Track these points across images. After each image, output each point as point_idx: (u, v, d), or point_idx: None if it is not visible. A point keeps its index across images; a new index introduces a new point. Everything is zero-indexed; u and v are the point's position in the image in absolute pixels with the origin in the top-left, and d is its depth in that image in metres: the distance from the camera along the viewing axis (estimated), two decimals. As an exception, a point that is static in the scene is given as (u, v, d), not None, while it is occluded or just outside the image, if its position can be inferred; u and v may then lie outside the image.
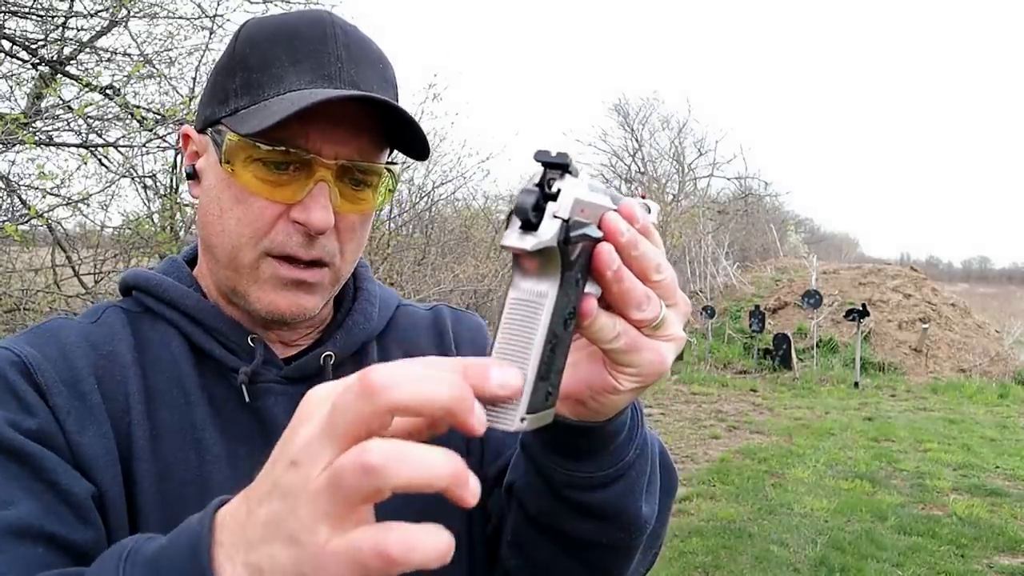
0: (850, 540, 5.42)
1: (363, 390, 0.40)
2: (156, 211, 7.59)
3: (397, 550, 0.40)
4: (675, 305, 0.61)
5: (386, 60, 0.84)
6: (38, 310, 5.47)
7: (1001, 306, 25.45)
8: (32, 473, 0.67)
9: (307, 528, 0.41)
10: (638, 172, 24.97)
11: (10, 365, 0.73)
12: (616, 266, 0.54)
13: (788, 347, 13.24)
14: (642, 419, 0.72)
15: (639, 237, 0.56)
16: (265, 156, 0.74)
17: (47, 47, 5.11)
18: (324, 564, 0.41)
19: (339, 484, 0.40)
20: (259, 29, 0.80)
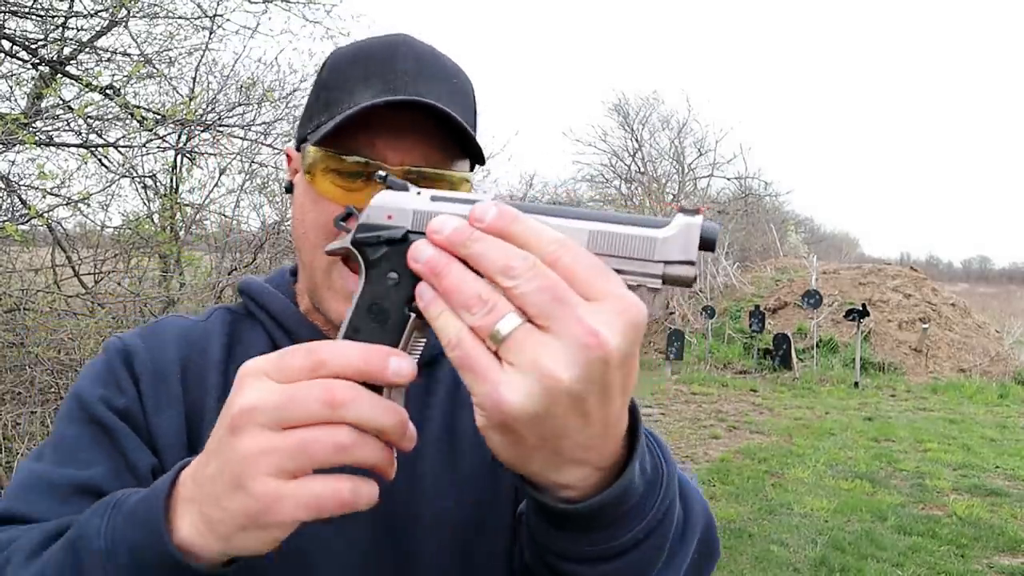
0: (850, 540, 5.42)
1: (305, 351, 0.55)
2: (156, 211, 7.60)
3: (348, 493, 0.54)
4: (549, 330, 0.49)
5: (461, 76, 0.89)
6: (38, 310, 5.47)
7: (1001, 306, 25.44)
8: (111, 443, 0.81)
9: (255, 477, 0.53)
10: (638, 172, 24.98)
11: (116, 352, 0.88)
12: (424, 259, 0.53)
13: (788, 347, 13.24)
14: (663, 493, 0.62)
15: (476, 236, 0.52)
16: (338, 165, 0.82)
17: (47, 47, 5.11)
18: (276, 508, 0.53)
19: (301, 436, 0.53)
20: (341, 54, 0.89)
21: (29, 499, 0.77)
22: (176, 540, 0.58)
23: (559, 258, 0.51)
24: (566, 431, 0.52)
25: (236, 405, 0.55)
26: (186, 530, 0.57)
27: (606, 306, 0.50)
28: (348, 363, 0.54)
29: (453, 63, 0.89)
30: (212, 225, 8.45)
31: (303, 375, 0.54)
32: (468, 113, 0.88)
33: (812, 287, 14.61)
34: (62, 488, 0.77)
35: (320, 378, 0.54)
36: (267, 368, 0.55)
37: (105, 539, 0.61)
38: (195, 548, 0.57)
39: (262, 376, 0.55)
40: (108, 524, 0.62)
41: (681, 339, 13.19)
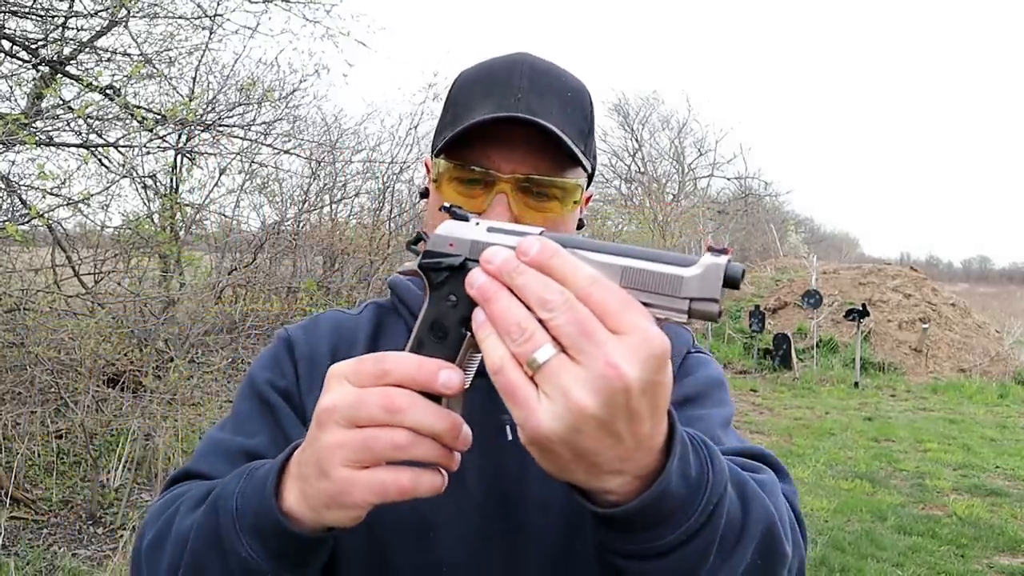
0: (850, 540, 5.42)
1: (375, 360, 0.64)
2: (156, 211, 7.59)
3: (408, 483, 0.63)
4: (578, 361, 0.55)
5: (578, 88, 0.98)
6: (38, 310, 5.47)
7: (1001, 306, 25.44)
8: (273, 418, 0.96)
9: (334, 466, 0.63)
10: (638, 172, 24.98)
11: (282, 342, 1.04)
12: (476, 286, 0.60)
13: (788, 347, 13.25)
14: (707, 496, 0.65)
15: (521, 269, 0.59)
16: (459, 174, 0.93)
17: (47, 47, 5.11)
18: (349, 491, 0.63)
19: (366, 432, 0.63)
20: (467, 74, 0.99)
21: (207, 460, 0.93)
22: (284, 508, 0.69)
23: (591, 294, 0.57)
24: (599, 449, 0.57)
25: (321, 404, 0.65)
26: (291, 501, 0.69)
27: (630, 339, 0.55)
28: (406, 373, 0.63)
29: (571, 78, 0.98)
30: (212, 225, 8.46)
31: (372, 380, 0.64)
32: (580, 124, 0.95)
33: (812, 287, 14.61)
34: (232, 452, 0.93)
35: (385, 385, 0.63)
36: (347, 372, 0.65)
37: (237, 501, 0.72)
38: (297, 516, 0.69)
39: (343, 379, 0.65)
40: (240, 488, 0.73)
41: (681, 339, 13.16)
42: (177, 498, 0.85)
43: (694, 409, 0.96)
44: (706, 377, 1.02)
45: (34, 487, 5.03)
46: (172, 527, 0.80)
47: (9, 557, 4.18)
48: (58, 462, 5.19)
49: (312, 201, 8.96)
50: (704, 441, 0.69)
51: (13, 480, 4.71)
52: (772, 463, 0.89)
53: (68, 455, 5.34)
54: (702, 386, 1.00)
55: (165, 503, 0.85)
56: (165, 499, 0.87)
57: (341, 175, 9.18)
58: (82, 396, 5.31)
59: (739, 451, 0.89)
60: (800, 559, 0.82)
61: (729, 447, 0.90)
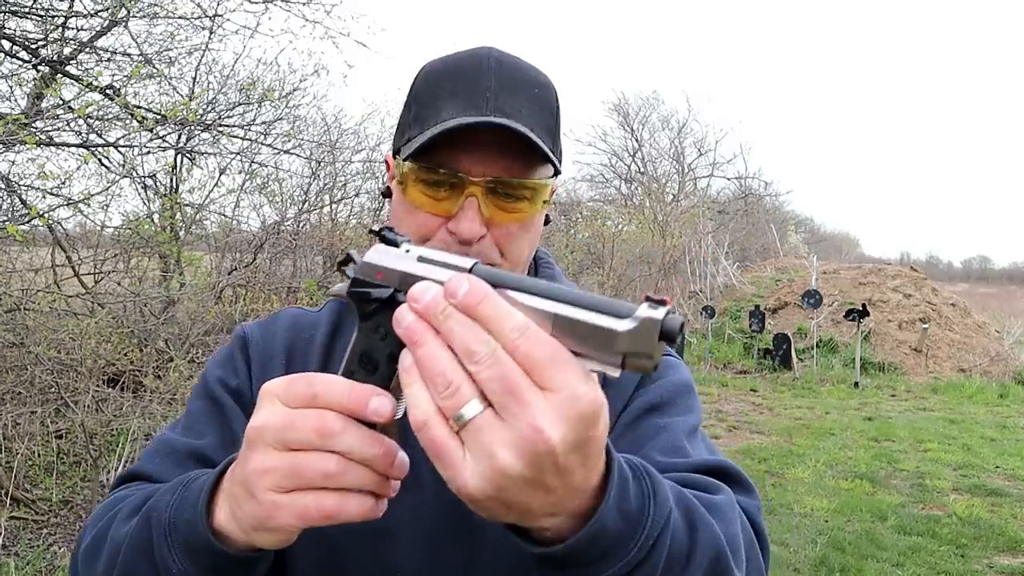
0: (850, 540, 5.42)
1: (305, 381, 0.62)
2: (156, 211, 7.59)
3: (332, 508, 0.61)
4: (503, 419, 0.53)
5: (543, 84, 0.95)
6: (38, 310, 5.46)
7: (1001, 306, 25.42)
8: (222, 418, 0.94)
9: (261, 489, 0.62)
10: (638, 172, 24.98)
11: (237, 339, 1.02)
12: (404, 326, 0.57)
13: (788, 347, 13.24)
14: (647, 531, 0.63)
15: (448, 312, 0.56)
16: (426, 176, 0.89)
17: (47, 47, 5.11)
18: (275, 515, 0.62)
19: (296, 458, 0.61)
20: (431, 68, 0.96)
21: (154, 461, 0.92)
22: (215, 525, 0.68)
23: (518, 346, 0.54)
24: (529, 501, 0.56)
25: (252, 424, 0.63)
26: (222, 519, 0.68)
27: (556, 398, 0.53)
28: (336, 398, 0.61)
29: (537, 72, 0.96)
30: (212, 225, 8.46)
31: (302, 402, 0.62)
32: (547, 120, 0.93)
33: (812, 287, 14.61)
34: (180, 453, 0.92)
35: (317, 408, 0.61)
36: (279, 391, 0.63)
37: (170, 514, 0.71)
38: (228, 534, 0.68)
39: (274, 398, 0.63)
40: (174, 501, 0.72)
41: (681, 339, 13.18)
42: (117, 503, 0.84)
43: (660, 417, 0.94)
44: (673, 383, 0.98)
45: (34, 487, 5.03)
46: (108, 535, 0.78)
47: (9, 557, 4.18)
48: (58, 462, 5.19)
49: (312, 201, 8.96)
50: (647, 471, 0.67)
51: (13, 480, 4.71)
52: (735, 477, 0.88)
53: (68, 455, 5.34)
54: (669, 392, 0.97)
55: (105, 507, 0.85)
56: (106, 503, 0.86)
57: (341, 175, 9.19)
58: (82, 396, 5.31)
59: (700, 466, 0.86)
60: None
61: (690, 462, 0.87)
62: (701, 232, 19.03)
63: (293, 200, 8.95)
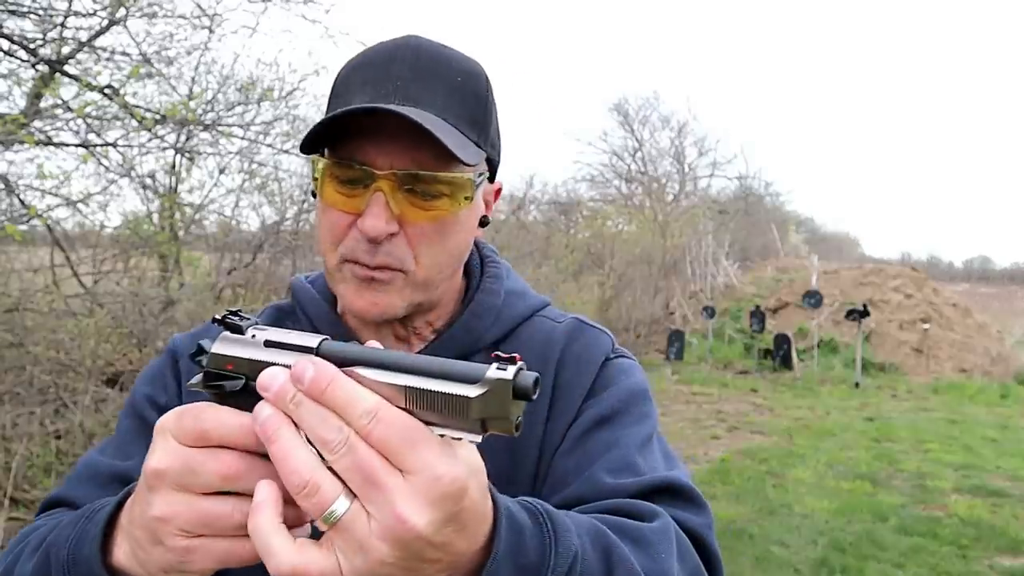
0: (851, 541, 5.41)
1: (193, 417, 0.59)
2: (155, 211, 7.59)
3: (250, 555, 0.57)
4: (368, 511, 0.52)
5: (470, 72, 0.87)
6: (37, 310, 5.46)
7: (1003, 306, 25.43)
8: (150, 437, 0.87)
9: (169, 536, 0.58)
10: (638, 172, 24.97)
11: (166, 353, 0.97)
12: (259, 422, 0.55)
13: (789, 347, 13.23)
14: (557, 573, 0.62)
15: (298, 400, 0.54)
16: (337, 172, 0.83)
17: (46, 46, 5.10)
18: (189, 560, 0.59)
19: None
20: (348, 63, 0.89)
21: (78, 486, 0.87)
22: (114, 563, 0.65)
23: (371, 432, 0.52)
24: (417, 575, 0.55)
25: (148, 465, 0.59)
26: (121, 558, 0.64)
27: (416, 482, 0.52)
28: (228, 436, 0.58)
29: (462, 60, 0.88)
30: (211, 225, 8.45)
31: (195, 440, 0.58)
32: (472, 111, 0.86)
33: (813, 287, 14.60)
34: (104, 476, 0.87)
35: (211, 447, 0.58)
36: (170, 427, 0.59)
37: (69, 549, 0.67)
38: (131, 573, 0.64)
39: (168, 436, 0.59)
40: (75, 536, 0.67)
41: (681, 339, 13.19)
42: (27, 535, 0.80)
43: (610, 431, 0.88)
44: (626, 390, 0.92)
45: (33, 487, 5.02)
46: (14, 571, 0.75)
47: (7, 558, 4.17)
48: (57, 462, 5.18)
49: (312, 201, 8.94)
50: (549, 515, 0.65)
51: (12, 480, 4.70)
52: (685, 493, 0.84)
53: (67, 455, 5.33)
54: (620, 402, 0.91)
55: (17, 539, 0.80)
56: (20, 534, 0.82)
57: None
58: (81, 396, 5.30)
59: (647, 487, 0.82)
60: None
61: (637, 482, 0.82)
62: (701, 232, 19.03)
63: (293, 200, 8.93)
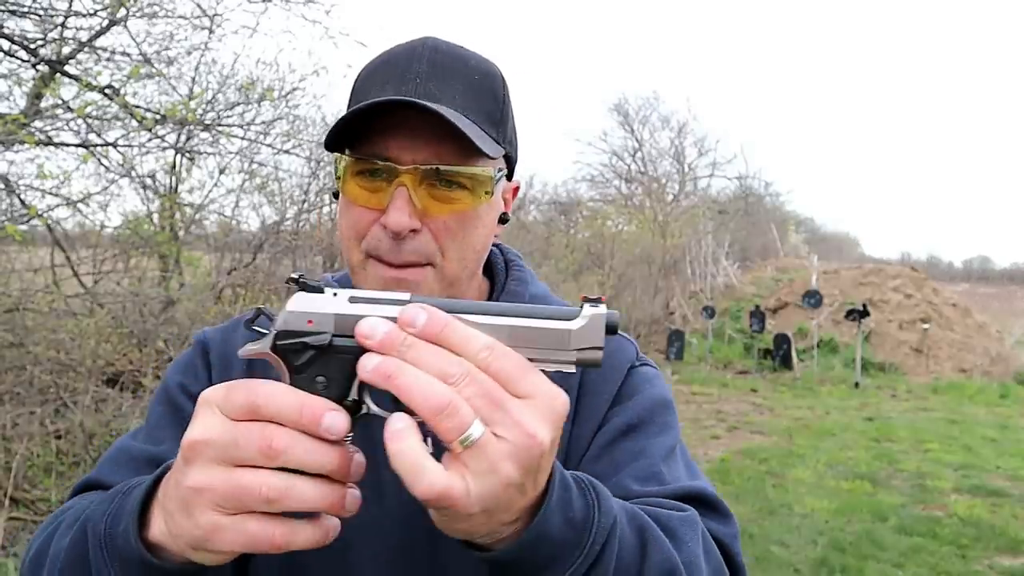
0: (851, 540, 5.41)
1: (246, 390, 0.58)
2: (156, 211, 7.59)
3: (281, 539, 0.58)
4: (496, 433, 0.55)
5: (487, 72, 0.90)
6: (37, 310, 5.46)
7: (1002, 306, 25.42)
8: (182, 424, 0.88)
9: (199, 508, 0.58)
10: (638, 172, 24.97)
11: (197, 344, 1.00)
12: (371, 368, 0.56)
13: (788, 347, 13.23)
14: (592, 540, 0.64)
15: (410, 343, 0.56)
16: (359, 167, 0.85)
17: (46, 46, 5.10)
18: (216, 537, 0.58)
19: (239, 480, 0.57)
20: (368, 63, 0.91)
21: (112, 469, 0.89)
22: (150, 538, 0.65)
23: (490, 364, 0.56)
24: (509, 505, 0.58)
25: (189, 435, 0.59)
26: (157, 532, 0.64)
27: (536, 403, 0.56)
28: (281, 412, 0.57)
29: (479, 60, 0.90)
30: (211, 225, 8.45)
31: (243, 414, 0.58)
32: (490, 109, 0.87)
33: (812, 287, 14.60)
34: (138, 460, 0.88)
35: (260, 421, 0.57)
36: (217, 400, 0.59)
37: (105, 524, 0.67)
38: (164, 548, 0.64)
39: (213, 408, 0.59)
40: (111, 511, 0.68)
41: (681, 339, 13.19)
42: (62, 513, 0.80)
43: (636, 440, 0.90)
44: (650, 399, 0.94)
45: (33, 487, 5.02)
46: (50, 547, 0.75)
47: (8, 558, 4.17)
48: (57, 462, 5.18)
49: (312, 201, 8.93)
50: (592, 483, 0.67)
51: (13, 480, 4.70)
52: (711, 503, 0.86)
53: (67, 455, 5.33)
54: (646, 411, 0.93)
55: (52, 517, 0.81)
56: (54, 514, 0.82)
57: (341, 175, 9.16)
58: (81, 396, 5.31)
59: (675, 493, 0.83)
60: None
61: (665, 490, 0.84)
62: (701, 232, 19.03)
63: (293, 200, 8.93)
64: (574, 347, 0.61)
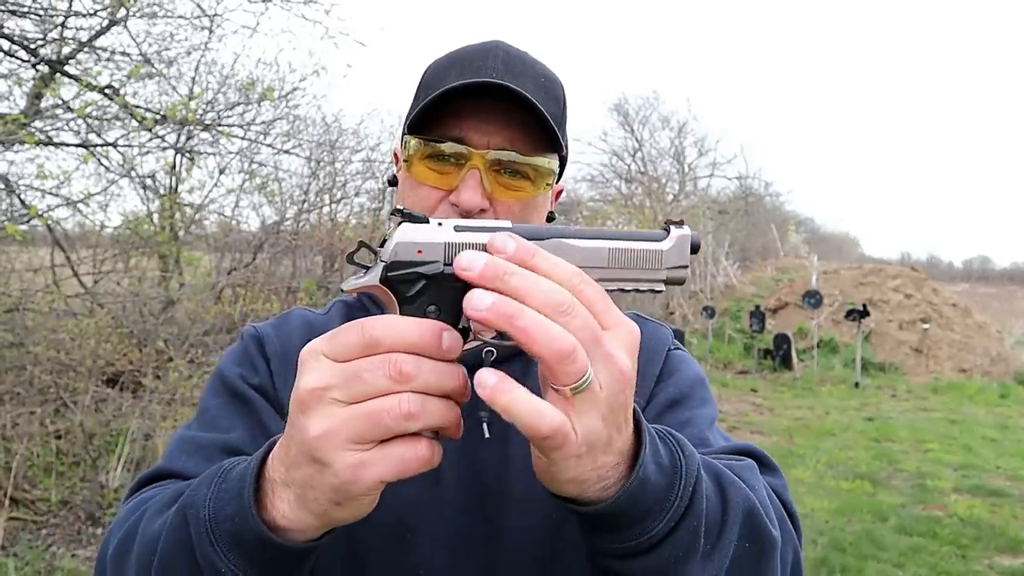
0: (851, 540, 5.41)
1: (357, 329, 0.57)
2: (155, 211, 7.59)
3: (427, 451, 0.58)
4: (599, 371, 0.56)
5: (552, 77, 0.95)
6: (37, 310, 5.46)
7: (1002, 306, 25.41)
8: (249, 412, 0.91)
9: (336, 451, 0.56)
10: (638, 172, 24.95)
11: (251, 338, 1.00)
12: (486, 307, 0.54)
13: (788, 347, 13.23)
14: (683, 482, 0.65)
15: (513, 270, 0.55)
16: (430, 150, 0.88)
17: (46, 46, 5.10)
18: (361, 475, 0.56)
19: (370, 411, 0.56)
20: (439, 60, 0.96)
21: (181, 458, 0.87)
22: (273, 518, 0.63)
23: (583, 291, 0.57)
24: (610, 444, 0.59)
25: (303, 385, 0.58)
26: (284, 509, 0.62)
27: (619, 335, 0.58)
28: (402, 340, 0.57)
29: (544, 66, 0.96)
30: (211, 225, 8.45)
31: (357, 352, 0.57)
32: (552, 108, 0.91)
33: (812, 287, 14.60)
34: (208, 448, 0.88)
35: (380, 354, 0.56)
36: (323, 348, 0.58)
37: (209, 508, 0.65)
38: (295, 526, 0.62)
39: (320, 356, 0.58)
40: (213, 494, 0.66)
41: (681, 339, 13.17)
42: (145, 502, 0.79)
43: (682, 412, 0.96)
44: (689, 377, 1.02)
45: (33, 487, 5.02)
46: (138, 532, 0.73)
47: (8, 558, 4.17)
48: (57, 462, 5.18)
49: (312, 201, 8.94)
50: (669, 432, 0.68)
51: (12, 480, 4.70)
52: (760, 458, 0.88)
53: (67, 455, 5.33)
54: (687, 387, 1.00)
55: (132, 508, 0.79)
56: (131, 505, 0.80)
57: (341, 175, 9.18)
58: (81, 396, 5.31)
59: (726, 449, 0.88)
60: (795, 551, 0.82)
61: (717, 447, 0.89)
62: (701, 232, 18.99)
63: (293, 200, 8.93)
64: (665, 266, 0.65)
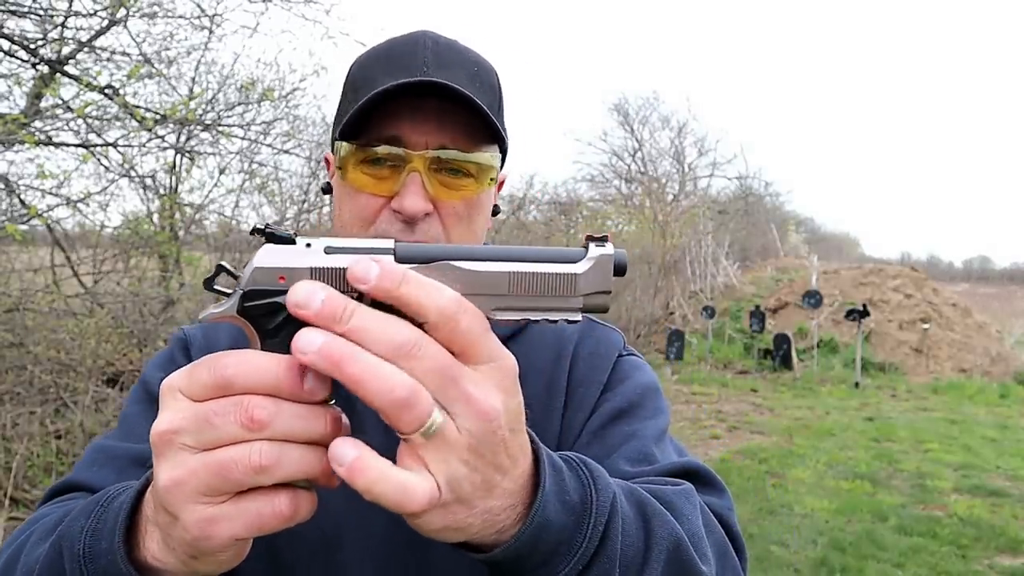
0: (851, 540, 5.41)
1: (209, 366, 0.51)
2: (156, 211, 7.59)
3: (288, 508, 0.51)
4: (456, 413, 0.49)
5: (484, 65, 0.91)
6: (37, 310, 5.46)
7: (1002, 306, 25.42)
8: None
9: (184, 505, 0.51)
10: (638, 172, 24.95)
11: (177, 340, 0.98)
12: (314, 350, 0.47)
13: (788, 347, 13.23)
14: (594, 520, 0.59)
15: (351, 310, 0.48)
16: (366, 155, 0.84)
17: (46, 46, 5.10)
18: (212, 532, 0.51)
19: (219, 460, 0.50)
20: (366, 54, 0.91)
21: (92, 470, 0.84)
22: (144, 558, 0.58)
23: (458, 322, 0.50)
24: (488, 488, 0.53)
25: (154, 429, 0.52)
26: (155, 551, 0.57)
27: (487, 371, 0.51)
28: (257, 381, 0.50)
29: (475, 53, 0.92)
30: (211, 225, 8.45)
31: (210, 392, 0.51)
32: (488, 98, 0.88)
33: (812, 287, 14.60)
34: (120, 459, 0.84)
35: (234, 396, 0.50)
36: (180, 383, 0.52)
37: (84, 543, 0.61)
38: (166, 567, 0.57)
39: (176, 393, 0.52)
40: (90, 526, 0.61)
41: (681, 339, 13.18)
42: (36, 521, 0.75)
43: (627, 424, 0.90)
44: (640, 385, 0.95)
45: (33, 487, 5.02)
46: (20, 558, 0.69)
47: (8, 558, 4.17)
48: (57, 462, 5.18)
49: (312, 201, 8.95)
50: (583, 461, 0.63)
51: (12, 480, 4.70)
52: (704, 477, 0.85)
53: (67, 455, 5.33)
54: (637, 395, 0.93)
55: (24, 526, 0.75)
56: (27, 521, 0.77)
57: (341, 175, 9.17)
58: (81, 396, 5.31)
59: (667, 470, 0.83)
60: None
61: (657, 467, 0.84)
62: (701, 232, 19.02)
63: (293, 200, 8.94)
64: (581, 292, 0.55)
